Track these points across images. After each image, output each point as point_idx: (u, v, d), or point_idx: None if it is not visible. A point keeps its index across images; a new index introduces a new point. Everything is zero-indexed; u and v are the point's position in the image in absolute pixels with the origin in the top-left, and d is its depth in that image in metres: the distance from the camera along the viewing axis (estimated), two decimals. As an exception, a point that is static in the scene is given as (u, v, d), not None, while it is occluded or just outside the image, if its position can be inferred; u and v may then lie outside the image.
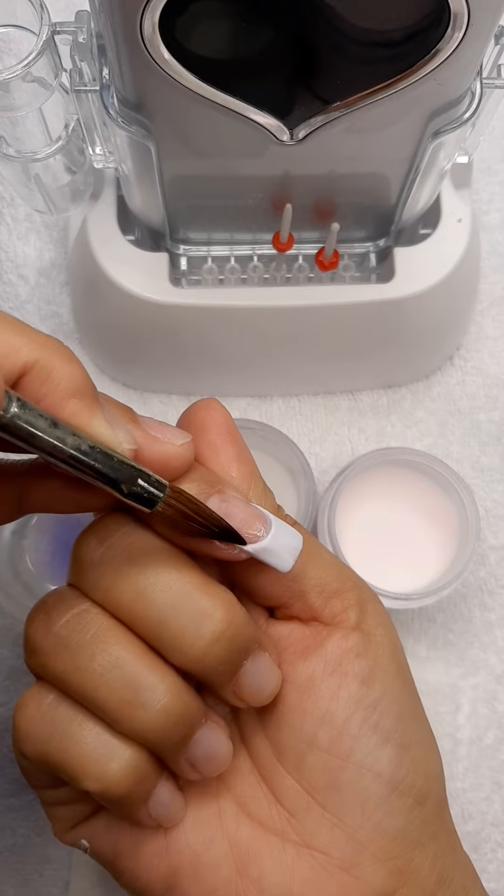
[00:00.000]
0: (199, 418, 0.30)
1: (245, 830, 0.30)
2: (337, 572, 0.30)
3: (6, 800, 0.48)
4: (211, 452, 0.29)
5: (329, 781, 0.29)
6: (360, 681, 0.29)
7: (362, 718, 0.29)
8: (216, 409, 0.30)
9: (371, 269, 0.49)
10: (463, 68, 0.34)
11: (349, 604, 0.30)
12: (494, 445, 0.53)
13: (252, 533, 0.27)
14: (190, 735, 0.28)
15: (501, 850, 0.48)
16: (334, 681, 0.29)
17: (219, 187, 0.42)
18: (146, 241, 0.47)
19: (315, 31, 0.35)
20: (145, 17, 0.30)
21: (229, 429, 0.30)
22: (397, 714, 0.30)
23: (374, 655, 0.30)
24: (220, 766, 0.29)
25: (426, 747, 0.31)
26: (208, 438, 0.29)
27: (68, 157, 0.41)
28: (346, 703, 0.29)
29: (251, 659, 0.28)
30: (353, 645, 0.30)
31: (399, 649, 0.31)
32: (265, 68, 0.36)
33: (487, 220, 0.56)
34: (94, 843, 0.30)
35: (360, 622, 0.30)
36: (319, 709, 0.29)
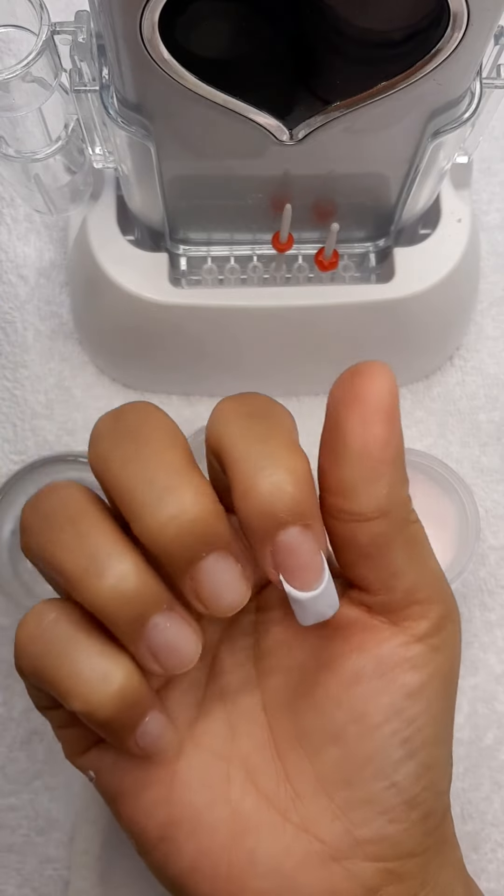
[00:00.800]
0: (360, 385, 0.27)
1: (249, 801, 0.30)
2: (434, 582, 0.29)
3: (6, 799, 0.48)
4: (360, 428, 0.27)
5: (343, 777, 0.29)
6: (406, 693, 0.28)
7: (395, 729, 0.28)
8: (383, 381, 0.27)
9: (371, 270, 0.49)
10: (463, 68, 0.34)
11: (428, 615, 0.29)
12: (494, 445, 0.53)
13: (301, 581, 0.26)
14: (146, 615, 0.26)
15: (501, 850, 0.48)
16: (380, 684, 0.29)
17: (218, 187, 0.42)
18: (146, 242, 0.47)
19: (315, 32, 0.35)
20: (145, 17, 0.30)
21: (390, 407, 0.27)
22: (430, 734, 0.29)
23: (430, 673, 0.29)
24: (182, 660, 0.27)
25: (444, 769, 0.30)
26: (361, 411, 0.27)
27: (68, 158, 0.41)
28: (385, 710, 0.28)
29: (214, 557, 0.26)
30: (412, 656, 0.29)
31: (456, 673, 0.30)
32: (265, 68, 0.36)
33: (487, 220, 0.56)
34: (100, 777, 0.30)
35: (429, 636, 0.29)
36: (356, 707, 0.29)
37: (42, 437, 0.52)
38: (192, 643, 0.27)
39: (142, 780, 0.30)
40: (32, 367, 0.53)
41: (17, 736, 0.49)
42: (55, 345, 0.53)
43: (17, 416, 0.52)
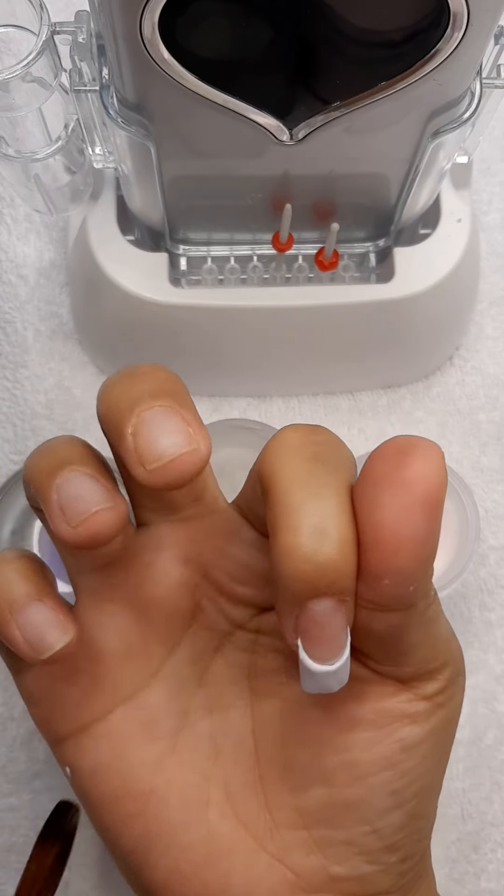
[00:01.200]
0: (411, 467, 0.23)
1: (227, 825, 0.29)
2: (444, 648, 0.28)
3: (6, 799, 0.48)
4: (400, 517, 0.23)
5: (326, 817, 0.28)
6: (403, 747, 0.27)
7: (386, 780, 0.28)
8: (437, 467, 0.24)
9: (371, 269, 0.49)
10: (463, 68, 0.34)
11: (438, 678, 0.28)
12: (494, 445, 0.53)
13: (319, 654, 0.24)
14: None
15: (501, 850, 0.48)
16: (377, 735, 0.27)
17: (218, 187, 0.42)
18: (146, 242, 0.47)
19: (315, 32, 0.35)
20: (145, 17, 0.30)
21: (439, 500, 0.24)
22: (421, 787, 0.28)
23: (430, 729, 0.28)
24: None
25: (429, 818, 0.30)
26: (407, 500, 0.23)
27: (68, 158, 0.41)
28: (378, 761, 0.27)
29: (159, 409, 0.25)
30: (414, 712, 0.27)
31: (455, 725, 0.29)
32: (265, 68, 0.36)
33: (487, 220, 0.56)
34: (74, 779, 0.30)
35: (437, 694, 0.28)
36: (349, 753, 0.28)
37: (42, 437, 0.52)
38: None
39: (118, 789, 0.29)
40: (32, 367, 0.53)
41: (17, 736, 0.49)
42: (55, 345, 0.53)
43: (17, 416, 0.52)
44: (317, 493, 0.24)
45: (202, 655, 0.31)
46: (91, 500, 0.25)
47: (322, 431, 0.26)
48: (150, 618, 0.30)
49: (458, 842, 0.48)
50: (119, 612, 0.30)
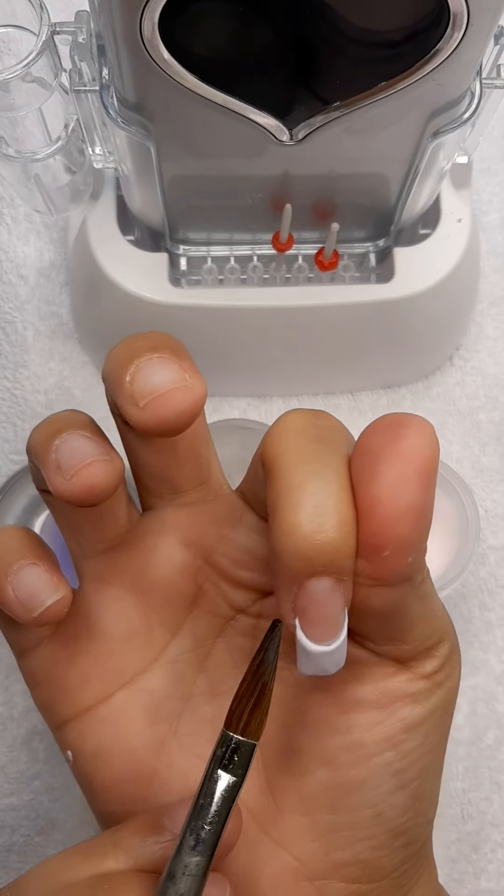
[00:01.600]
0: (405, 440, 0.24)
1: None
2: (440, 625, 0.28)
3: (6, 799, 0.48)
4: (396, 489, 0.23)
5: (329, 801, 0.29)
6: (405, 726, 0.28)
7: (389, 761, 0.28)
8: (431, 440, 0.24)
9: (371, 270, 0.49)
10: (462, 68, 0.34)
11: (437, 654, 0.28)
12: (494, 445, 0.53)
13: (317, 634, 0.24)
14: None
15: (501, 850, 0.48)
16: (379, 715, 0.28)
17: (218, 187, 0.42)
18: (146, 242, 0.47)
19: (315, 32, 0.35)
20: (145, 18, 0.30)
21: (432, 472, 0.24)
22: (423, 767, 0.28)
23: (431, 707, 0.28)
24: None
25: (432, 799, 0.30)
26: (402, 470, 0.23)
27: (68, 158, 0.41)
28: (381, 741, 0.28)
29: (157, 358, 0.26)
30: (416, 691, 0.28)
31: (454, 703, 0.29)
32: (265, 68, 0.36)
33: (487, 220, 0.56)
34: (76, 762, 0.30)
35: (436, 672, 0.28)
36: (352, 734, 0.28)
37: (42, 438, 0.52)
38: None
39: (120, 773, 0.29)
40: (32, 367, 0.53)
41: (17, 735, 0.49)
42: (55, 345, 0.53)
43: (17, 416, 0.52)
44: (318, 473, 0.24)
45: (204, 640, 0.31)
46: (86, 453, 0.26)
47: (324, 415, 0.26)
48: (153, 601, 0.30)
49: (458, 842, 0.48)
50: (122, 596, 0.30)
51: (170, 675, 0.30)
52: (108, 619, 0.30)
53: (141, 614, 0.30)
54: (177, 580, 0.30)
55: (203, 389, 0.26)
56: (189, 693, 0.31)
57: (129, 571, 0.30)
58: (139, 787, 0.30)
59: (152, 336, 0.27)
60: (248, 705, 0.25)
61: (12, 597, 0.28)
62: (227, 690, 0.30)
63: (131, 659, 0.30)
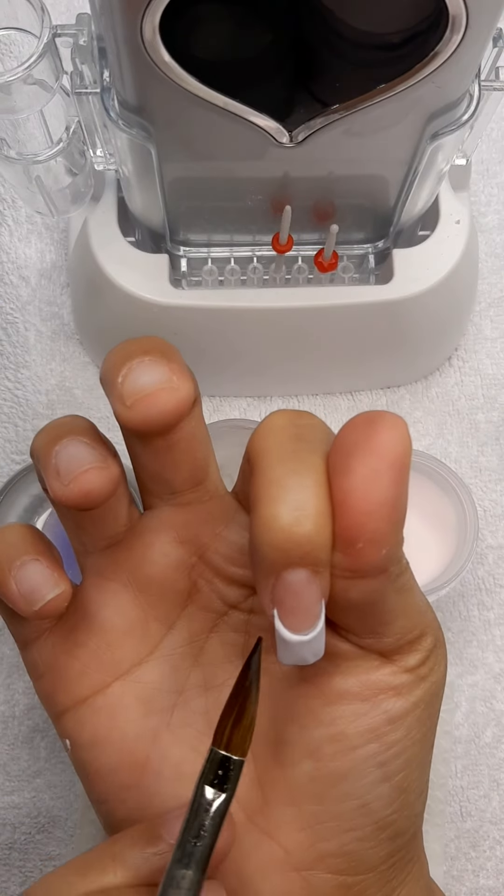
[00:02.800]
0: (379, 435, 0.24)
1: None
2: (421, 618, 0.28)
3: (8, 797, 0.48)
4: (370, 481, 0.24)
5: (315, 792, 0.29)
6: (388, 718, 0.28)
7: (373, 752, 0.28)
8: (402, 436, 0.24)
9: (370, 271, 0.49)
10: (461, 71, 0.34)
11: (419, 648, 0.28)
12: (493, 445, 0.53)
13: (295, 624, 0.25)
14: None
15: (500, 848, 0.49)
16: (362, 707, 0.28)
17: (218, 189, 0.42)
18: (146, 243, 0.47)
19: (314, 35, 0.36)
20: (146, 20, 0.30)
21: (404, 466, 0.24)
22: (407, 759, 0.29)
23: (414, 700, 0.28)
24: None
25: (419, 793, 0.30)
26: (375, 464, 0.24)
27: (69, 159, 0.41)
28: (364, 733, 0.28)
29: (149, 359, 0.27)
30: (399, 684, 0.28)
31: (440, 698, 0.30)
32: (265, 71, 0.36)
33: (485, 221, 0.56)
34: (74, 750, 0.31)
35: (420, 666, 0.28)
36: (336, 726, 0.28)
37: (43, 438, 0.52)
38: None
39: (115, 761, 0.30)
40: (34, 368, 0.53)
41: (18, 734, 0.49)
42: (56, 346, 0.54)
43: (18, 417, 0.52)
44: (296, 470, 0.25)
45: (198, 635, 0.31)
46: (83, 459, 0.27)
47: (306, 415, 0.27)
48: (149, 596, 0.31)
49: (456, 839, 0.48)
50: (120, 591, 0.31)
51: (164, 667, 0.31)
52: (106, 612, 0.31)
53: (138, 609, 0.31)
54: (172, 576, 0.31)
55: (189, 391, 0.27)
56: (183, 686, 0.31)
57: (127, 568, 0.31)
58: (132, 774, 0.30)
59: (146, 340, 0.28)
60: (234, 721, 0.26)
61: (15, 591, 0.29)
62: (220, 684, 0.31)
63: (128, 652, 0.31)
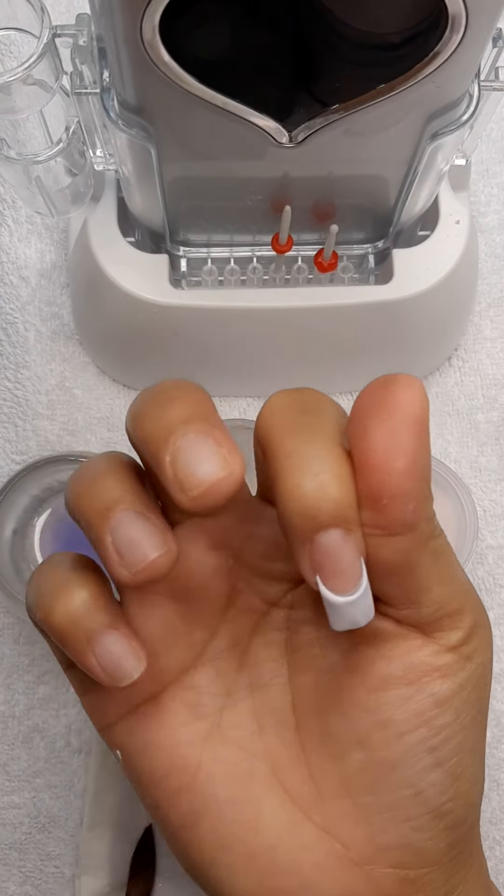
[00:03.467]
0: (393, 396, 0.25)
1: (272, 798, 0.30)
2: (462, 592, 0.28)
3: (8, 797, 0.48)
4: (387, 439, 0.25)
5: (368, 782, 0.29)
6: (435, 701, 0.28)
7: (422, 738, 0.28)
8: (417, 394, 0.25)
9: (370, 271, 0.49)
10: (461, 71, 0.34)
11: (459, 625, 0.28)
12: (492, 446, 0.53)
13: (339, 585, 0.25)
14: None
15: (499, 848, 0.49)
16: (408, 692, 0.28)
17: (218, 189, 0.42)
18: (146, 243, 0.47)
19: (314, 35, 0.36)
20: (145, 20, 0.30)
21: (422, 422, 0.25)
22: (459, 744, 0.28)
23: (460, 682, 0.28)
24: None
25: (475, 781, 0.30)
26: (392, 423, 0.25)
27: (69, 160, 0.41)
28: (412, 718, 0.28)
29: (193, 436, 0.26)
30: (443, 664, 0.28)
31: (489, 681, 0.30)
32: (265, 71, 0.36)
33: (485, 221, 0.56)
34: (126, 758, 0.31)
35: (462, 645, 0.28)
36: (382, 713, 0.28)
37: (44, 438, 0.52)
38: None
39: (167, 766, 0.30)
40: (34, 368, 0.53)
41: (18, 733, 0.49)
42: (56, 346, 0.54)
43: (18, 417, 0.52)
44: (308, 438, 0.25)
45: (241, 637, 0.32)
46: (148, 545, 0.27)
47: (307, 391, 0.28)
48: (192, 605, 0.31)
49: (456, 839, 0.48)
50: (162, 603, 0.31)
51: (211, 673, 0.31)
52: (151, 625, 0.31)
53: (181, 618, 0.31)
54: (211, 583, 0.31)
55: (242, 465, 0.26)
56: (230, 688, 0.31)
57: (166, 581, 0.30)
58: (184, 778, 0.30)
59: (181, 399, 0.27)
60: None
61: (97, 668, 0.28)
62: (266, 683, 0.31)
63: (174, 660, 0.31)
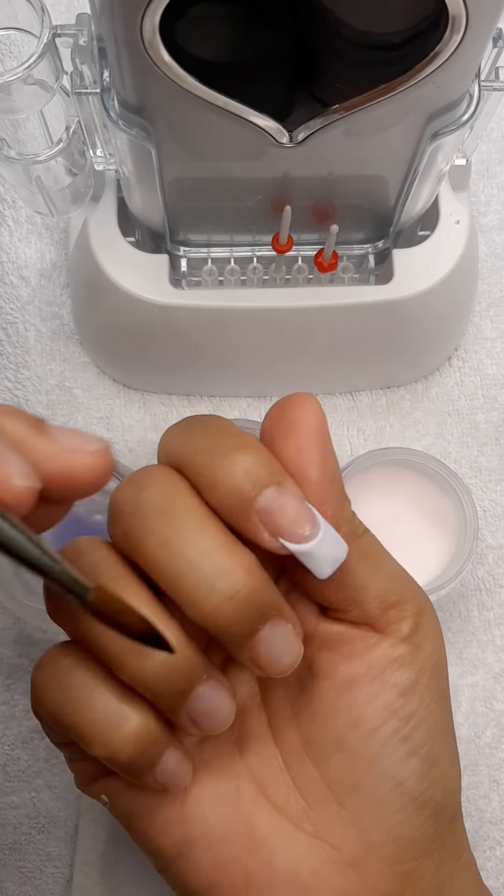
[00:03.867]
0: (290, 414, 0.28)
1: (261, 813, 0.30)
2: (399, 583, 0.30)
3: (8, 797, 0.48)
4: (294, 453, 0.28)
5: (350, 782, 0.30)
6: (399, 691, 0.29)
7: (394, 728, 0.29)
8: (312, 410, 0.28)
9: (370, 271, 0.49)
10: (461, 71, 0.34)
11: (406, 615, 0.30)
12: (492, 446, 0.53)
13: (298, 532, 0.26)
14: (190, 689, 0.27)
15: (500, 848, 0.49)
16: (374, 687, 0.29)
17: (218, 189, 0.42)
18: (146, 243, 0.47)
19: (314, 35, 0.36)
20: (146, 20, 0.30)
21: (320, 431, 0.28)
22: (429, 729, 0.30)
23: (419, 668, 0.30)
24: (219, 723, 0.28)
25: (450, 763, 0.31)
26: (295, 438, 0.28)
27: (69, 160, 0.41)
28: (381, 711, 0.29)
29: (270, 626, 0.27)
30: (399, 655, 0.29)
31: (444, 664, 0.31)
32: (265, 71, 0.36)
33: (485, 221, 0.56)
34: (113, 800, 0.31)
35: (413, 634, 0.30)
36: (353, 711, 0.29)
37: (43, 438, 0.52)
38: (229, 706, 0.28)
39: (154, 800, 0.30)
40: (34, 368, 0.53)
41: (18, 734, 0.49)
42: (56, 346, 0.54)
43: (18, 417, 0.52)
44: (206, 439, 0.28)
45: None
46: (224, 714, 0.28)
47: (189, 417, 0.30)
48: None
49: (456, 839, 0.49)
50: None
51: None
52: None
53: None
54: None
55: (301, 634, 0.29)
56: None
57: None
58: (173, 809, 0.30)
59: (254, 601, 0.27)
60: None
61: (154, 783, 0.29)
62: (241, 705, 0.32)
63: None
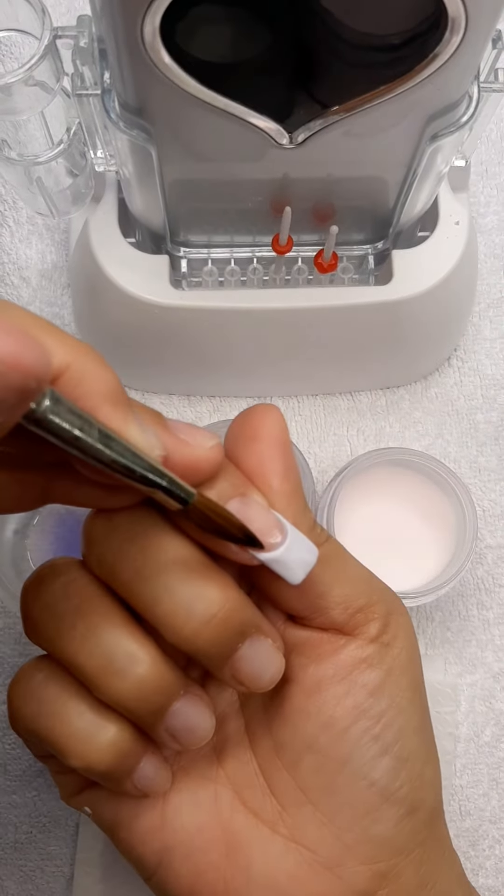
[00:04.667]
0: (253, 424, 0.29)
1: (239, 818, 0.30)
2: (364, 587, 0.30)
3: (8, 796, 0.48)
4: (257, 463, 0.28)
5: (323, 783, 0.30)
6: (368, 691, 0.29)
7: (364, 728, 0.29)
8: (273, 419, 0.29)
9: (369, 272, 0.49)
10: (461, 72, 0.34)
11: (374, 617, 0.30)
12: (492, 446, 0.53)
13: (268, 541, 0.27)
14: (167, 706, 0.27)
15: (499, 847, 0.49)
16: (342, 688, 0.29)
17: (219, 190, 0.42)
18: (147, 244, 0.48)
19: (314, 36, 0.36)
20: (146, 22, 0.30)
21: (282, 442, 0.29)
22: (400, 727, 0.30)
23: (388, 667, 0.30)
24: (199, 738, 0.28)
25: (425, 760, 0.31)
26: (258, 448, 0.29)
27: (70, 161, 0.41)
28: (350, 712, 0.29)
29: (249, 643, 0.27)
30: (367, 655, 0.30)
31: (416, 662, 0.31)
32: (265, 72, 0.36)
33: (485, 222, 0.57)
34: (96, 811, 0.31)
35: (381, 634, 0.30)
36: (323, 713, 0.29)
37: (43, 438, 0.52)
38: (207, 720, 0.28)
39: (135, 810, 0.30)
40: (34, 369, 0.53)
41: (18, 734, 0.49)
42: (57, 346, 0.54)
43: (18, 417, 0.52)
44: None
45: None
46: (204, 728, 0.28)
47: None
48: None
49: (455, 838, 0.49)
50: None
51: None
52: None
53: None
54: None
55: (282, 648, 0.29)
56: None
57: None
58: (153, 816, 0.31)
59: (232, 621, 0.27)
60: None
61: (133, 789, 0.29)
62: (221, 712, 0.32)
63: None
